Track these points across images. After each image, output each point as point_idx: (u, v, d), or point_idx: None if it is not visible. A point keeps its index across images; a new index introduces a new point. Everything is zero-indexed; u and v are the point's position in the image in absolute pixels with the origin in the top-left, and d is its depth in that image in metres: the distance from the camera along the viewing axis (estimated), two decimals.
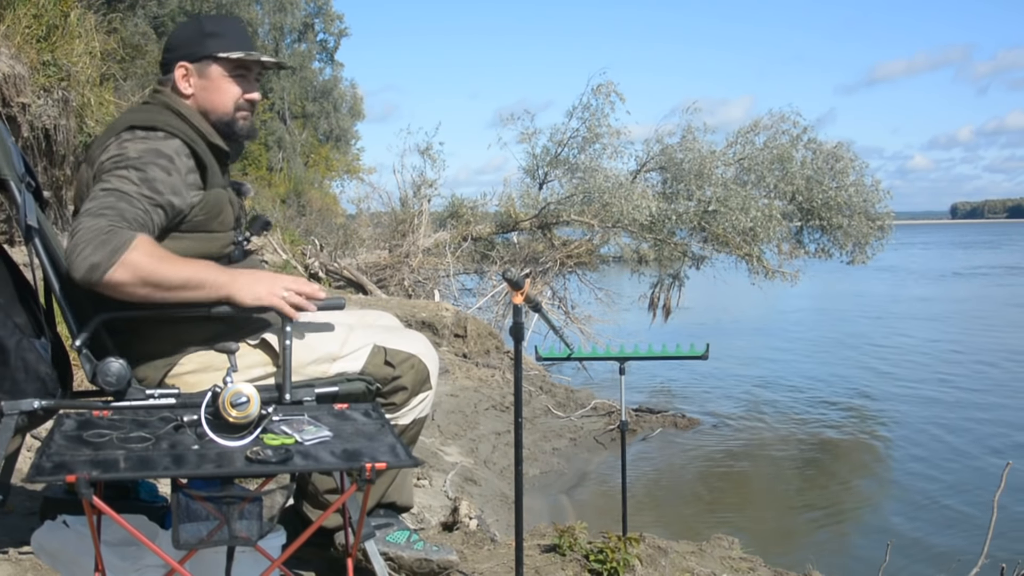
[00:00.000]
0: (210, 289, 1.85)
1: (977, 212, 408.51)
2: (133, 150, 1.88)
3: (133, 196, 1.82)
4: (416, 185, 12.68)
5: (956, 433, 8.81)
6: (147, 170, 1.86)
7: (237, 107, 2.06)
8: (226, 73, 2.05)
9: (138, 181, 1.84)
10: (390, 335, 2.14)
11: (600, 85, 11.80)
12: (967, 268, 37.99)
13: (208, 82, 2.04)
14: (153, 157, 1.88)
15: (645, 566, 2.69)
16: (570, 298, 12.17)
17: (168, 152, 1.90)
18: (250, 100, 2.09)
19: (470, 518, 3.04)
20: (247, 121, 2.10)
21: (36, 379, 1.82)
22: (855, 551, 5.71)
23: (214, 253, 2.00)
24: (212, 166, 2.00)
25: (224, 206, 2.02)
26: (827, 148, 12.38)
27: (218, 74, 2.04)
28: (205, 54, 2.03)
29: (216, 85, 2.04)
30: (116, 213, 1.78)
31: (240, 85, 2.07)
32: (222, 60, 2.03)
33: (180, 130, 1.95)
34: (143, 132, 1.92)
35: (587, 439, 7.60)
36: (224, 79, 2.04)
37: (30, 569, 2.16)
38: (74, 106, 5.88)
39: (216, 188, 2.00)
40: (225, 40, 2.04)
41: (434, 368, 2.18)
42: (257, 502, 1.48)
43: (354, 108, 31.55)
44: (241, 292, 1.87)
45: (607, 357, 2.98)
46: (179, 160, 1.91)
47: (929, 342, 15.27)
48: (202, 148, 1.98)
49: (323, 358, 2.01)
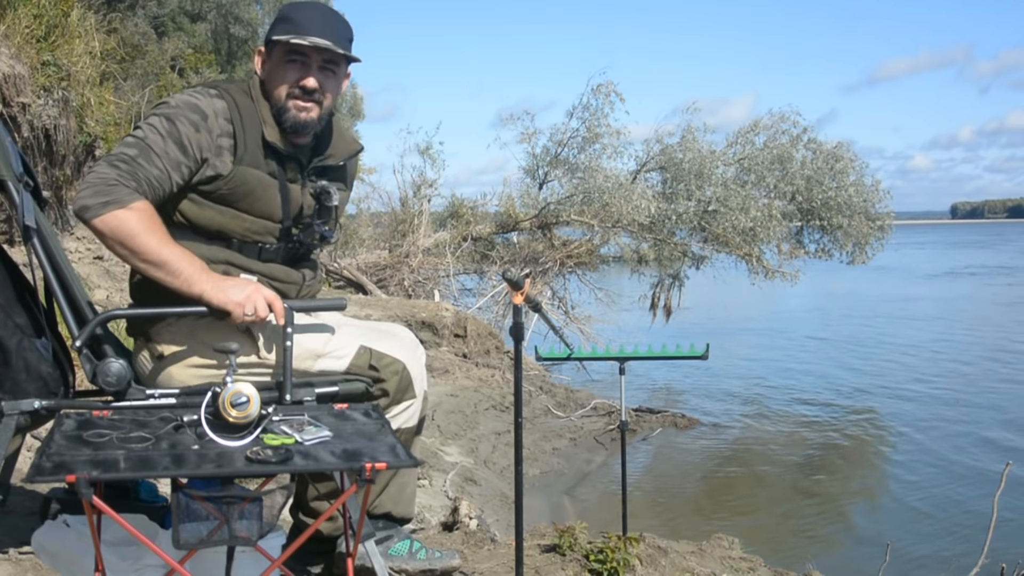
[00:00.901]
0: (183, 281, 1.84)
1: (977, 212, 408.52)
2: (175, 100, 1.93)
3: (157, 152, 1.85)
4: (416, 185, 12.68)
5: (956, 433, 8.81)
6: (177, 122, 1.88)
7: (289, 94, 1.98)
8: (282, 57, 1.99)
9: (165, 133, 1.87)
10: (379, 338, 2.11)
11: (600, 85, 11.81)
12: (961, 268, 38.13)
13: (271, 66, 2.02)
14: (188, 111, 1.90)
15: (645, 566, 2.69)
16: (570, 298, 12.17)
17: (206, 109, 1.92)
18: (303, 87, 1.98)
19: (470, 518, 3.03)
20: (304, 113, 1.99)
21: (37, 378, 1.82)
22: (855, 551, 5.71)
23: (236, 232, 1.97)
24: (253, 144, 1.96)
25: (257, 189, 1.97)
26: (827, 148, 12.39)
27: (277, 58, 2.00)
28: (271, 38, 2.01)
29: (274, 69, 2.01)
30: (130, 169, 1.83)
31: (295, 72, 1.98)
32: (279, 44, 1.98)
33: (232, 96, 1.96)
34: (201, 88, 1.98)
35: (587, 439, 7.60)
36: (279, 64, 2.00)
37: (30, 569, 2.16)
38: (74, 106, 5.88)
39: (250, 169, 1.96)
40: (290, 24, 1.97)
41: (418, 375, 2.14)
42: (257, 502, 1.47)
43: (354, 108, 31.53)
44: (212, 293, 1.85)
45: (607, 357, 2.98)
46: (214, 121, 1.92)
47: (928, 342, 15.28)
48: (251, 124, 1.96)
49: (304, 355, 1.98)
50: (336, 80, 2.04)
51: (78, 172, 6.13)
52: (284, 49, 1.98)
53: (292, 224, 2.04)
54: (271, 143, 1.98)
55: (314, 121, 2.01)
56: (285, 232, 2.03)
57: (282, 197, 2.01)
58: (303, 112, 1.99)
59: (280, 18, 2.01)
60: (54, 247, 1.91)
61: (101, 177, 1.80)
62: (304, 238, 2.05)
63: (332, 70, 2.02)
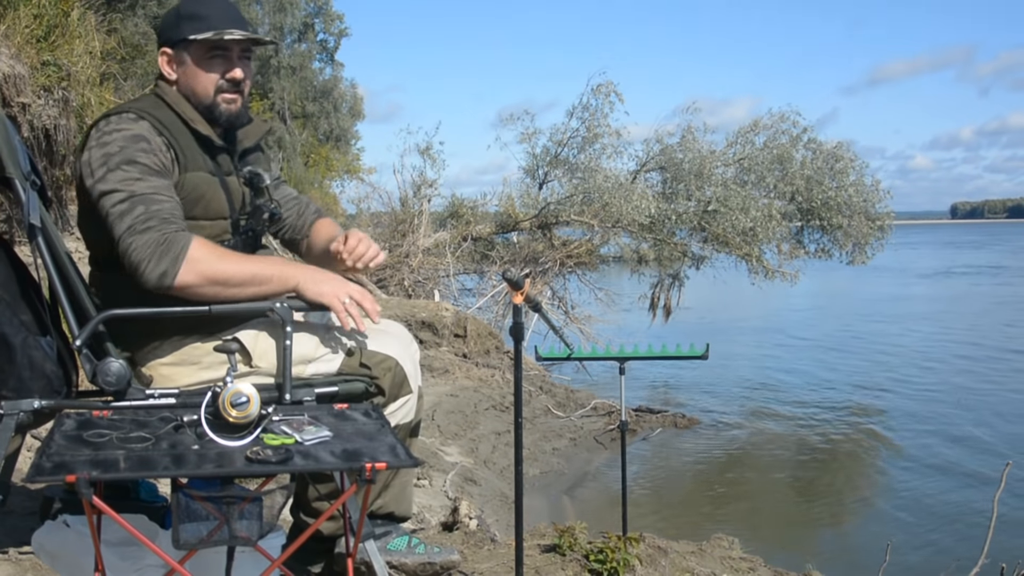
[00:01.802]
0: (277, 283, 1.90)
1: (977, 212, 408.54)
2: (113, 144, 1.87)
3: (149, 194, 1.84)
4: (416, 185, 12.67)
5: (956, 432, 8.82)
6: (137, 158, 1.86)
7: (217, 89, 2.00)
8: (202, 56, 1.98)
9: (139, 175, 1.85)
10: (369, 336, 2.10)
11: (600, 85, 11.81)
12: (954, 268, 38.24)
13: (186, 67, 2.00)
14: (132, 143, 1.88)
15: (645, 566, 2.69)
16: (570, 298, 12.17)
17: (142, 133, 1.90)
18: (231, 79, 2.01)
19: (470, 518, 3.03)
20: (232, 104, 2.02)
21: (41, 377, 1.82)
22: (855, 551, 5.71)
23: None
24: (189, 150, 1.97)
25: (207, 191, 1.98)
26: (827, 148, 12.38)
27: (194, 57, 1.99)
28: (180, 38, 1.99)
29: (193, 70, 1.99)
30: (157, 220, 1.81)
31: (219, 66, 1.99)
32: (195, 43, 1.97)
33: (148, 113, 1.94)
34: (115, 118, 1.92)
35: (587, 439, 7.60)
36: (201, 62, 1.99)
37: (30, 569, 2.16)
38: (74, 106, 5.88)
39: (195, 172, 1.97)
40: (200, 21, 1.96)
41: (412, 371, 2.14)
42: (257, 502, 1.47)
43: (354, 108, 31.59)
44: (307, 285, 1.91)
45: (607, 357, 2.98)
46: (152, 140, 1.91)
47: (927, 342, 15.28)
48: (178, 130, 1.96)
49: (296, 360, 1.97)
50: (250, 66, 2.07)
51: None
52: (205, 47, 1.98)
53: (239, 216, 2.06)
54: (206, 137, 2.00)
55: (241, 110, 2.05)
56: (235, 225, 2.05)
57: (225, 192, 2.03)
58: (232, 104, 2.02)
59: (185, 16, 1.99)
60: (59, 246, 1.91)
61: (149, 245, 1.79)
62: (254, 225, 2.07)
63: (248, 57, 2.06)
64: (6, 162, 1.83)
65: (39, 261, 1.88)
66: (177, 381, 1.96)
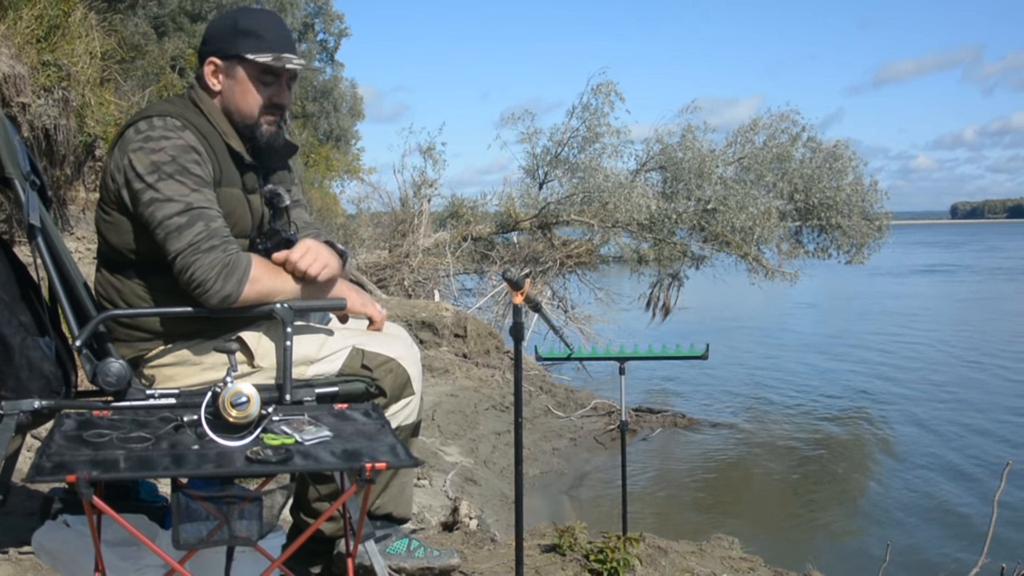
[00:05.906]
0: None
1: (977, 212, 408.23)
2: (164, 152, 1.85)
3: (206, 208, 1.85)
4: (416, 185, 12.68)
5: (957, 432, 8.82)
6: (191, 169, 1.86)
7: (262, 111, 2.00)
8: (255, 75, 1.98)
9: (195, 187, 1.85)
10: (370, 338, 2.10)
11: (600, 85, 11.81)
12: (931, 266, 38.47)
13: (235, 83, 1.98)
14: (183, 153, 1.87)
15: (645, 566, 2.69)
16: (570, 298, 12.17)
17: (192, 144, 1.89)
18: (277, 104, 2.01)
19: (470, 518, 3.03)
20: (272, 127, 2.03)
21: (40, 377, 1.82)
22: (855, 551, 5.71)
23: None
24: (225, 165, 1.97)
25: (236, 208, 1.98)
26: (826, 147, 12.38)
27: (246, 76, 1.98)
28: (235, 53, 1.96)
29: (243, 87, 1.98)
30: (219, 239, 1.84)
31: (268, 89, 2.00)
32: (251, 62, 1.96)
33: (190, 122, 1.92)
34: (158, 121, 1.89)
35: (587, 439, 7.60)
36: (251, 81, 1.98)
37: (30, 569, 2.16)
38: (74, 106, 5.87)
39: (227, 189, 1.97)
40: (258, 40, 1.96)
41: (415, 372, 2.14)
42: (257, 502, 1.47)
43: (354, 108, 31.55)
44: (351, 296, 2.05)
45: (607, 357, 2.98)
46: (201, 151, 1.91)
47: (928, 341, 15.27)
48: (216, 143, 1.96)
49: (297, 361, 1.97)
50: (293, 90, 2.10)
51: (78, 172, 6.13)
52: (260, 68, 1.97)
53: (256, 234, 2.06)
54: (238, 153, 1.99)
55: (279, 133, 2.06)
56: (251, 244, 2.04)
57: (250, 210, 2.03)
58: (272, 127, 2.03)
59: (242, 31, 1.96)
60: (59, 246, 1.91)
61: (215, 265, 1.81)
62: (270, 245, 2.03)
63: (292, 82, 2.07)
64: (6, 162, 1.83)
65: (39, 261, 1.88)
66: (179, 381, 1.96)
